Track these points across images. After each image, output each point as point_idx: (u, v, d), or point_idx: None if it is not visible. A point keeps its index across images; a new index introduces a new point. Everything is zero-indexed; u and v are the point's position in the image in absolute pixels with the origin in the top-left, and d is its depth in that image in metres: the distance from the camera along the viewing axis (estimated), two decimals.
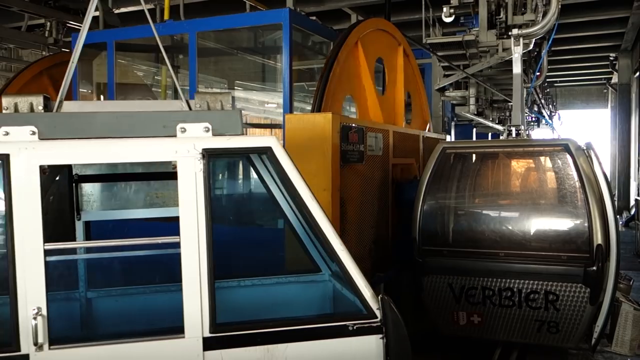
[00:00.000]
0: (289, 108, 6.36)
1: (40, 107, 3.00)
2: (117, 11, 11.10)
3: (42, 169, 2.86)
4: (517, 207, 5.92)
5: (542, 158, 6.06)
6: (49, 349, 2.80)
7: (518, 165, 6.28)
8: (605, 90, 27.52)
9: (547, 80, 20.90)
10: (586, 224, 5.25)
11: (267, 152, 3.16)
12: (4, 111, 2.96)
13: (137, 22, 10.75)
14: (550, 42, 10.23)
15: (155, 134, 3.03)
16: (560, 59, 20.15)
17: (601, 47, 18.52)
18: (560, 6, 7.88)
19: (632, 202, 17.63)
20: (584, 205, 5.29)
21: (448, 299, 5.73)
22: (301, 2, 11.07)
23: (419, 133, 7.86)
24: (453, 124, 14.44)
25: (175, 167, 2.98)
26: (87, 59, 8.45)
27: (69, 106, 3.17)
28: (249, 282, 4.24)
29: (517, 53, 7.40)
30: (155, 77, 9.79)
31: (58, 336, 2.88)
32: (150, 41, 8.23)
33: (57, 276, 3.95)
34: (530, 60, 11.52)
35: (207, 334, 2.97)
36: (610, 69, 21.24)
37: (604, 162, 6.67)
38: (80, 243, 3.25)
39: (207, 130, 3.04)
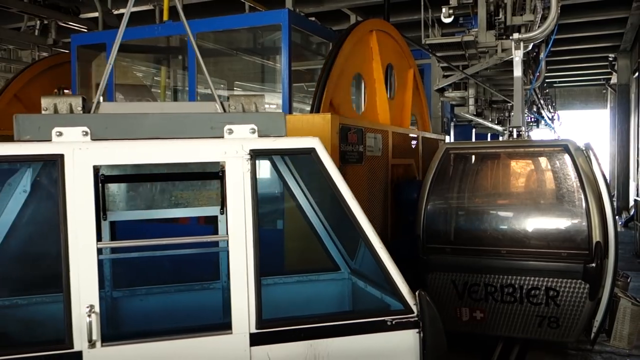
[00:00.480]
0: (288, 108, 6.37)
1: (80, 108, 3.05)
2: (116, 12, 11.10)
3: (96, 169, 2.91)
4: (518, 206, 6.03)
5: (542, 158, 6.17)
6: (102, 346, 2.84)
7: (519, 166, 6.38)
8: (604, 91, 27.55)
9: (546, 80, 20.94)
10: (585, 222, 5.38)
11: (310, 152, 3.29)
12: (43, 112, 2.99)
13: (137, 23, 10.74)
14: (549, 45, 10.25)
15: (203, 135, 3.11)
16: (560, 60, 20.18)
17: (600, 47, 18.54)
18: (559, 10, 7.90)
19: (632, 203, 17.64)
20: (583, 204, 5.41)
21: (451, 296, 5.82)
22: (300, 2, 11.08)
23: (418, 134, 7.87)
24: (452, 124, 14.45)
25: (223, 168, 3.07)
26: (87, 60, 8.46)
27: (105, 107, 3.23)
28: (271, 281, 4.30)
29: (517, 57, 7.50)
30: (155, 78, 9.80)
31: (109, 333, 2.95)
32: (148, 42, 8.24)
33: (105, 274, 4.05)
34: (529, 61, 11.53)
35: (253, 330, 3.03)
36: (609, 70, 21.26)
37: (603, 162, 6.79)
38: (130, 242, 3.30)
39: (253, 132, 3.14)
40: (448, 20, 9.29)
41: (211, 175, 3.79)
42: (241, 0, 9.46)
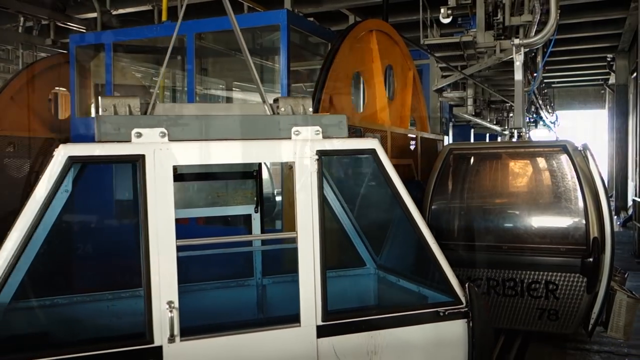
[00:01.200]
0: None
1: (137, 109, 3.14)
2: (114, 12, 11.09)
3: (174, 169, 3.00)
4: (519, 203, 6.23)
5: (541, 159, 6.33)
6: (180, 340, 2.92)
7: (519, 165, 6.55)
8: (602, 91, 27.60)
9: (545, 81, 20.95)
10: (583, 219, 5.60)
11: (371, 153, 3.51)
12: (101, 113, 3.07)
13: (136, 24, 10.73)
14: (549, 49, 10.26)
15: (271, 136, 3.24)
16: (558, 60, 20.19)
17: (598, 48, 18.57)
18: (558, 17, 7.97)
19: (630, 203, 17.67)
20: (581, 202, 5.62)
21: None
22: (299, 3, 11.09)
23: (417, 134, 7.87)
24: (451, 124, 14.46)
25: (291, 167, 3.23)
26: (85, 61, 8.45)
27: (160, 109, 3.35)
28: (280, 279, 4.45)
29: (518, 61, 7.63)
30: (153, 78, 9.80)
31: (187, 328, 2.99)
32: (148, 42, 8.23)
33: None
34: (527, 62, 11.55)
35: (320, 322, 3.16)
36: (607, 70, 21.29)
37: (602, 162, 6.98)
38: (205, 240, 3.44)
39: (318, 133, 3.29)
40: (447, 21, 9.31)
41: (248, 174, 4.12)
42: (240, 0, 9.46)
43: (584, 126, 33.06)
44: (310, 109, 3.49)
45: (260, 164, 4.39)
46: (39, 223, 2.82)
